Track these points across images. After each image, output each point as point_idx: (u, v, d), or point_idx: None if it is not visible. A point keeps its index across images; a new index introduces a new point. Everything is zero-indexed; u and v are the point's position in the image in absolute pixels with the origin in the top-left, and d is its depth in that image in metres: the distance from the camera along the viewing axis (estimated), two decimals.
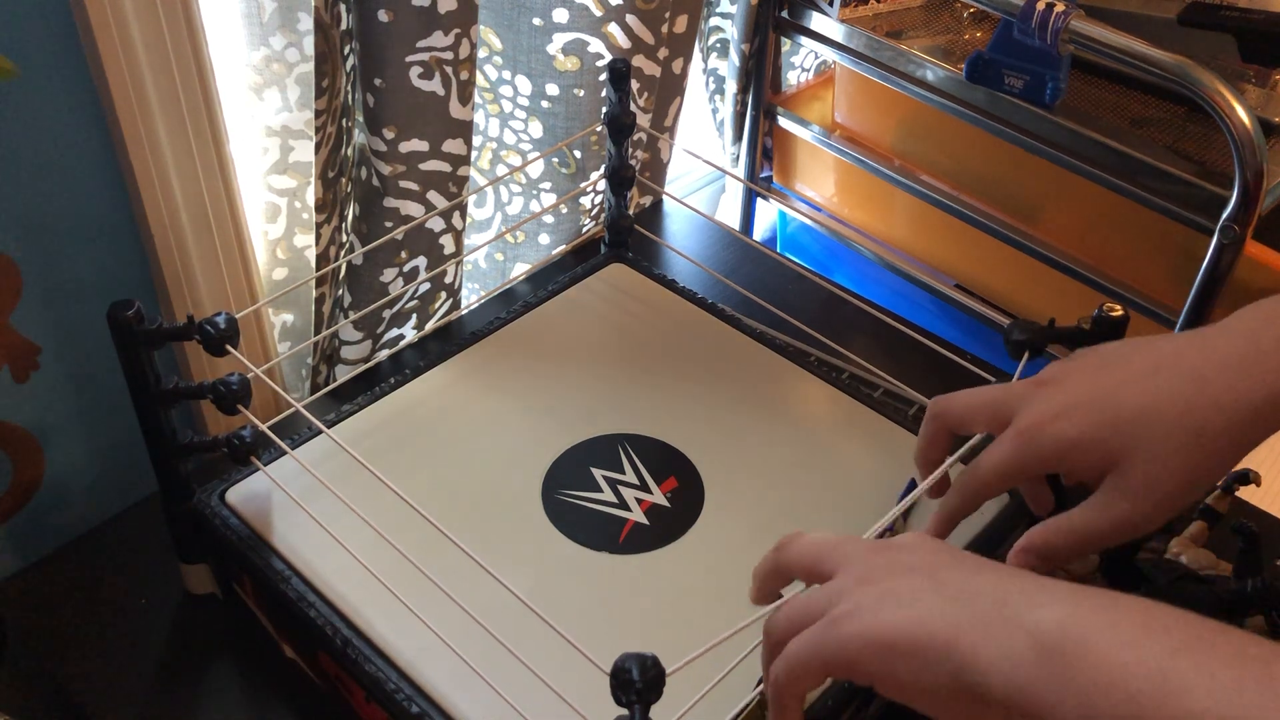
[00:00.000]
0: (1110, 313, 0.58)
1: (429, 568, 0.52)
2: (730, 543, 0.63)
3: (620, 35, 0.86)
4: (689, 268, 0.95)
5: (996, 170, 1.04)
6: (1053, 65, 0.90)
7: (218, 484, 0.65)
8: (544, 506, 0.65)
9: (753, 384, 0.73)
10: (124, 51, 0.61)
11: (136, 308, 0.57)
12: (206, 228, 0.70)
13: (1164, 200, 0.88)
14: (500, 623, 0.50)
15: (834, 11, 1.04)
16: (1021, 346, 0.60)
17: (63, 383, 0.69)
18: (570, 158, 0.92)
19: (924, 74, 1.00)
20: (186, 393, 0.60)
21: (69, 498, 0.73)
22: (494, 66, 0.88)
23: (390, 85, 0.74)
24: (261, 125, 0.76)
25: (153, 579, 0.70)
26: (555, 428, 0.69)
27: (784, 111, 1.16)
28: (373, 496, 0.56)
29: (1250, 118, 0.80)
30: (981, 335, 1.10)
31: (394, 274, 0.83)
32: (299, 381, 0.86)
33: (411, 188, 0.80)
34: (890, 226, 1.17)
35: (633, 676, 0.41)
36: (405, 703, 0.55)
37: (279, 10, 0.71)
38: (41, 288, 0.66)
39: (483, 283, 1.02)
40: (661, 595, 0.60)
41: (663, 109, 1.00)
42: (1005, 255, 1.05)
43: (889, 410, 0.72)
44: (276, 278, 0.82)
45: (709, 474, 0.67)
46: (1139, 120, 0.94)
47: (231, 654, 0.66)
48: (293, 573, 0.60)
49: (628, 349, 0.76)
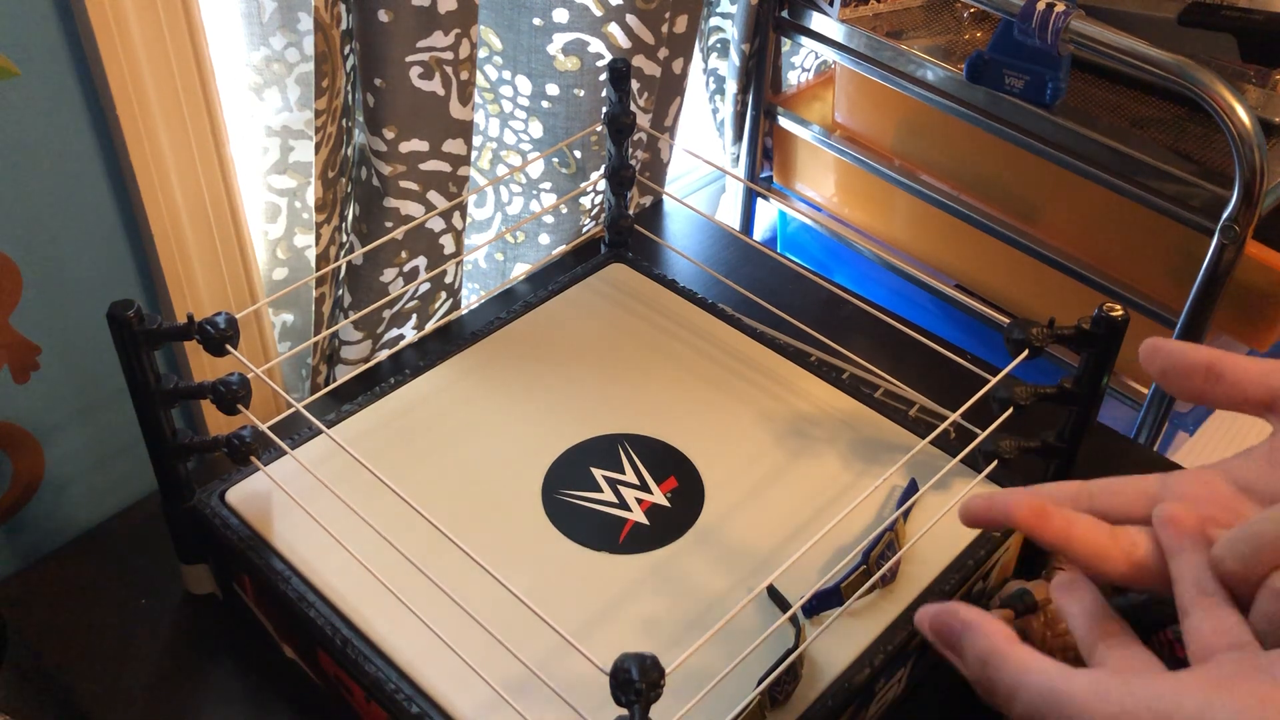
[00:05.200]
0: (1110, 313, 0.58)
1: (429, 568, 0.52)
2: (730, 543, 0.63)
3: (620, 35, 0.86)
4: (689, 268, 0.95)
5: (996, 170, 1.04)
6: (1053, 65, 0.90)
7: (218, 484, 0.65)
8: (544, 506, 0.65)
9: (753, 384, 0.73)
10: (124, 51, 0.61)
11: (136, 308, 0.57)
12: (206, 228, 0.70)
13: (1164, 200, 0.88)
14: (500, 623, 0.50)
15: (834, 11, 1.04)
16: (1021, 346, 0.60)
17: (63, 383, 0.69)
18: (570, 158, 0.92)
19: (924, 74, 1.00)
20: (186, 393, 0.60)
21: (69, 498, 0.73)
22: (494, 66, 0.88)
23: (390, 85, 0.74)
24: (261, 125, 0.76)
25: (153, 579, 0.70)
26: (555, 428, 0.69)
27: (784, 111, 1.16)
28: (373, 496, 0.56)
29: (1250, 118, 0.80)
30: (981, 335, 1.10)
31: (394, 274, 0.83)
32: (299, 381, 0.86)
33: (411, 188, 0.80)
34: (890, 226, 1.17)
35: (633, 676, 0.41)
36: (405, 703, 0.55)
37: (279, 10, 0.71)
38: (41, 288, 0.66)
39: (483, 283, 1.02)
40: (661, 595, 0.60)
41: (663, 109, 1.00)
42: (1005, 255, 1.05)
43: (889, 410, 0.72)
44: (276, 278, 0.82)
45: (709, 474, 0.67)
46: (1139, 120, 0.94)
47: (231, 654, 0.66)
48: (293, 573, 0.60)
49: (628, 349, 0.76)
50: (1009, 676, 0.36)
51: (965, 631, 0.38)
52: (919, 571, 0.61)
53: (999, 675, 0.36)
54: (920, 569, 0.61)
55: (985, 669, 0.37)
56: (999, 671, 0.36)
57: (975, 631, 0.38)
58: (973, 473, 0.64)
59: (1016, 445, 0.63)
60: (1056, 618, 0.60)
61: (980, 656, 0.37)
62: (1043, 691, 0.35)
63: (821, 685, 0.55)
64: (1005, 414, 0.61)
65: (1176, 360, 0.43)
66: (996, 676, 0.36)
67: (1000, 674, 0.36)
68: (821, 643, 0.57)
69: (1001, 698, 0.36)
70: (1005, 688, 0.36)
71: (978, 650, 0.37)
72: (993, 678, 0.36)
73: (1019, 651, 0.36)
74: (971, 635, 0.38)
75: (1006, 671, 0.36)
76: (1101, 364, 0.60)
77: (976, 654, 0.37)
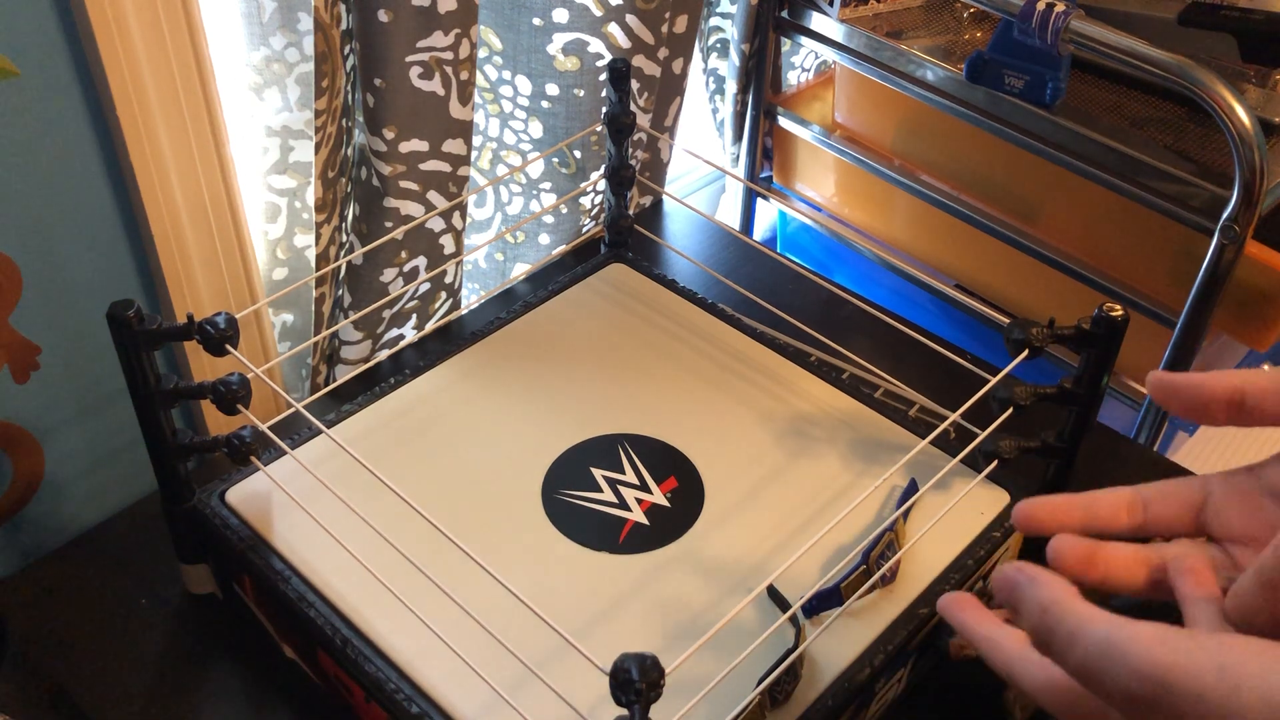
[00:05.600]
0: (1110, 313, 0.58)
1: (429, 568, 0.52)
2: (730, 543, 0.63)
3: (620, 35, 0.86)
4: (689, 268, 0.95)
5: (996, 170, 1.04)
6: (1053, 65, 0.90)
7: (218, 484, 0.65)
8: (544, 506, 0.65)
9: (753, 384, 0.73)
10: (124, 51, 0.61)
11: (136, 308, 0.57)
12: (206, 228, 0.70)
13: (1164, 200, 0.88)
14: (500, 623, 0.50)
15: (834, 11, 1.04)
16: (1021, 346, 0.60)
17: (63, 383, 0.69)
18: (570, 158, 0.92)
19: (924, 74, 1.00)
20: (186, 393, 0.60)
21: (69, 497, 0.73)
22: (494, 66, 0.88)
23: (390, 85, 0.74)
24: (261, 125, 0.76)
25: (153, 579, 0.70)
26: (555, 428, 0.69)
27: (784, 111, 1.16)
28: (373, 496, 0.56)
29: (1250, 118, 0.80)
30: (981, 335, 1.10)
31: (394, 274, 0.83)
32: (299, 381, 0.86)
33: (411, 188, 0.80)
34: (890, 226, 1.17)
35: (633, 676, 0.41)
36: (405, 703, 0.55)
37: (279, 10, 0.71)
38: (41, 288, 0.66)
39: (483, 283, 1.02)
40: (661, 595, 0.60)
41: (663, 109, 1.00)
42: (1005, 255, 1.05)
43: (889, 410, 0.72)
44: (276, 278, 0.82)
45: (709, 474, 0.67)
46: (1139, 120, 0.94)
47: (231, 654, 0.66)
48: (293, 573, 0.60)
49: (628, 349, 0.76)
50: (1070, 623, 0.36)
51: (1030, 583, 0.38)
52: (919, 571, 0.61)
53: (1060, 622, 0.36)
54: (920, 569, 0.61)
55: (1045, 616, 0.37)
56: (1060, 619, 0.36)
57: (1039, 583, 0.38)
58: (973, 473, 0.64)
59: (1016, 445, 0.63)
60: None
61: (1041, 604, 0.37)
62: (1104, 637, 0.35)
63: (821, 685, 0.55)
64: (1005, 414, 0.61)
65: (1194, 397, 0.43)
66: (1057, 624, 0.36)
67: (1061, 621, 0.36)
68: (821, 643, 0.57)
69: (1060, 644, 0.36)
70: (1065, 634, 0.36)
71: (1040, 598, 0.37)
72: (1053, 625, 0.37)
73: (1082, 603, 0.37)
74: (1035, 587, 0.38)
75: (1068, 619, 0.36)
76: (1101, 364, 0.60)
77: (1038, 602, 0.37)
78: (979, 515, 0.64)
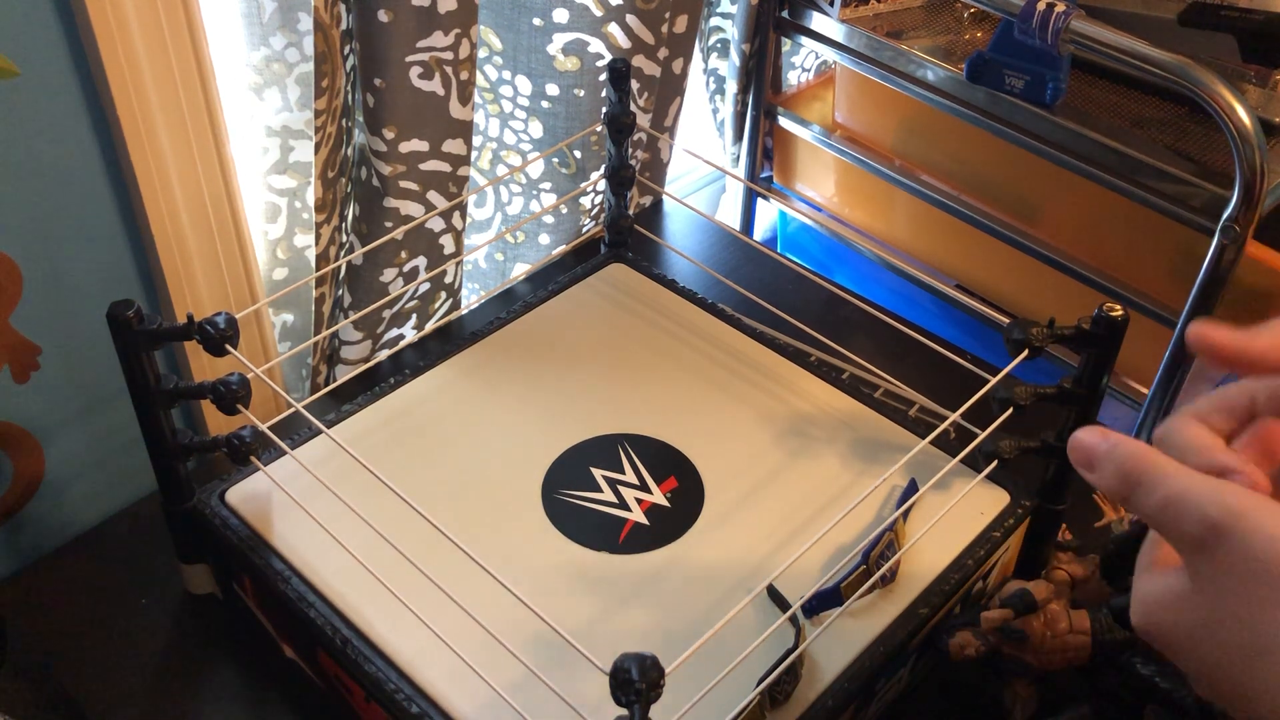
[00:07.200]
0: (1110, 313, 0.58)
1: (429, 568, 0.52)
2: (730, 543, 0.63)
3: (620, 35, 0.86)
4: (689, 268, 0.95)
5: (996, 170, 1.04)
6: (1053, 65, 0.90)
7: (218, 484, 0.65)
8: (544, 506, 0.65)
9: (753, 384, 0.73)
10: (124, 51, 0.61)
11: (136, 308, 0.57)
12: (206, 228, 0.70)
13: (1164, 200, 0.88)
14: (500, 623, 0.50)
15: (834, 11, 1.04)
16: (1021, 346, 0.60)
17: (63, 383, 0.69)
18: (570, 158, 0.92)
19: (924, 74, 1.00)
20: (186, 393, 0.60)
21: (69, 497, 0.73)
22: (494, 66, 0.88)
23: (390, 85, 0.74)
24: (261, 125, 0.76)
25: (153, 579, 0.70)
26: (555, 428, 0.69)
27: (784, 111, 1.16)
28: (373, 496, 0.56)
29: (1250, 118, 0.80)
30: (981, 335, 1.10)
31: (394, 274, 0.83)
32: (299, 381, 0.86)
33: (411, 188, 0.80)
34: (890, 226, 1.17)
35: (632, 676, 0.41)
36: (405, 703, 0.55)
37: (279, 10, 0.71)
38: (42, 288, 0.66)
39: (483, 283, 1.02)
40: (661, 595, 0.60)
41: (663, 109, 1.00)
42: (1005, 255, 1.05)
43: (889, 410, 0.72)
44: (276, 278, 0.82)
45: (709, 474, 0.67)
46: (1139, 120, 0.94)
47: (231, 654, 0.66)
48: (293, 573, 0.60)
49: (628, 349, 0.76)
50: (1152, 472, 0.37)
51: (1112, 449, 0.38)
52: (919, 571, 0.61)
53: (1143, 471, 0.37)
54: (920, 569, 0.61)
55: (1129, 463, 0.37)
56: (1142, 468, 0.37)
57: (1122, 446, 0.38)
58: (973, 473, 0.64)
59: (1016, 445, 0.63)
60: (1056, 618, 0.60)
61: (1125, 453, 0.38)
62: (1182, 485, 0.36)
63: (821, 685, 0.55)
64: (1005, 414, 0.61)
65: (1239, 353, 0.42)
66: (1141, 472, 0.37)
67: (1145, 471, 0.37)
68: (821, 643, 0.57)
69: (1146, 488, 0.37)
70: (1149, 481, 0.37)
71: (1119, 457, 0.38)
72: (1135, 472, 0.37)
73: (1160, 455, 0.38)
74: (1117, 450, 0.38)
75: (1149, 468, 0.37)
76: (1101, 364, 0.60)
77: (1118, 464, 0.38)
78: (979, 515, 0.64)
